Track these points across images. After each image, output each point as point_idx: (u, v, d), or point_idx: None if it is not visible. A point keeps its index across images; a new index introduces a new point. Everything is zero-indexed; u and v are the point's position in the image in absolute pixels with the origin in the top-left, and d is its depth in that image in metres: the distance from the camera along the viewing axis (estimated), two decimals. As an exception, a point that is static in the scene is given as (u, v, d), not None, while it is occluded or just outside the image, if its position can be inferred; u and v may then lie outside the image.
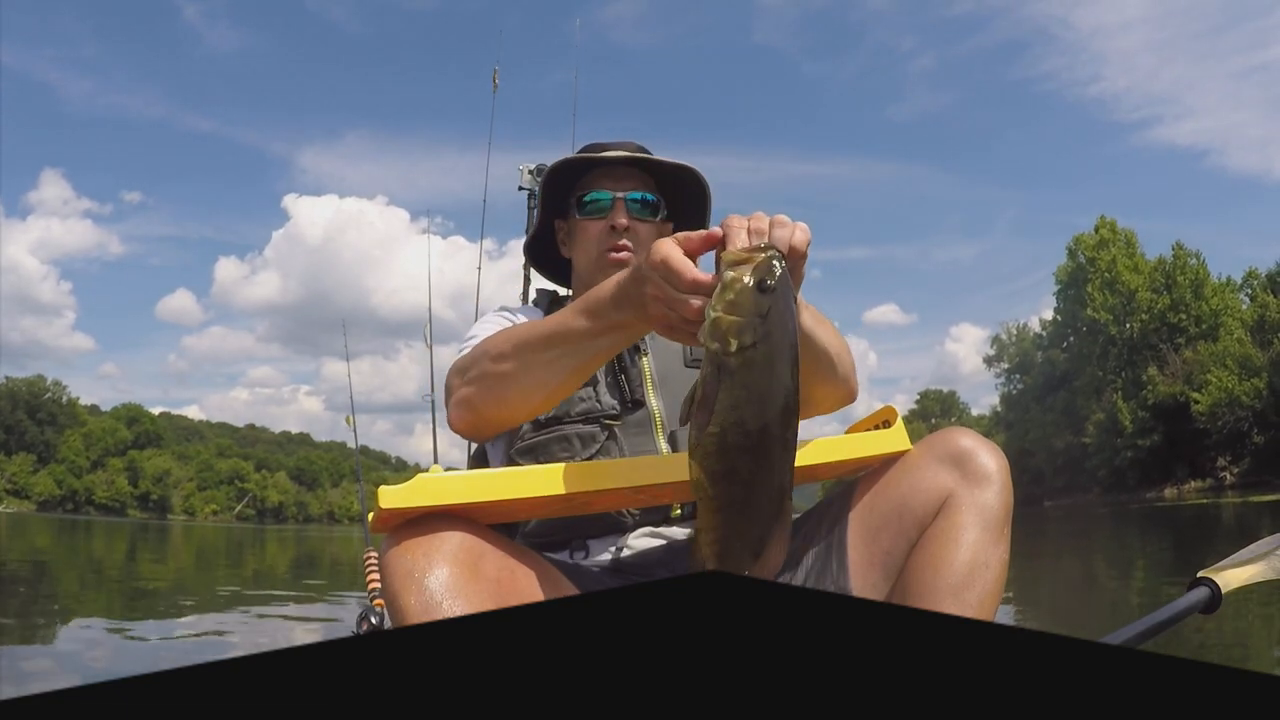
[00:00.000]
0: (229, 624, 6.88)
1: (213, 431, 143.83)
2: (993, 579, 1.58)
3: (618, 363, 1.83)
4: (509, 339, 1.54)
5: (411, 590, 1.28)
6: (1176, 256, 59.12)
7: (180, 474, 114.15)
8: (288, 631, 6.66)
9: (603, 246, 1.91)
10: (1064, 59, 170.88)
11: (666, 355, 1.90)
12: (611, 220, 1.91)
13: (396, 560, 1.32)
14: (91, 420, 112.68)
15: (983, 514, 1.61)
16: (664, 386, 1.86)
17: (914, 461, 1.70)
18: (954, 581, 1.56)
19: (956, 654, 0.35)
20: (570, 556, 1.75)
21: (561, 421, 1.77)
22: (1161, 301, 57.28)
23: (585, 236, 1.95)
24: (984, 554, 1.58)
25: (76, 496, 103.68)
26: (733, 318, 1.06)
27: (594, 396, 1.79)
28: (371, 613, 3.16)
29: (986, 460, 1.65)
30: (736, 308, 1.06)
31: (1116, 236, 61.74)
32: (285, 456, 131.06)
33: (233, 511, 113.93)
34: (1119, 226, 62.53)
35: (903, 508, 1.66)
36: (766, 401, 1.07)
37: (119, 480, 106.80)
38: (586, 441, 1.76)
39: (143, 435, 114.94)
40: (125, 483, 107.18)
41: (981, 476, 1.63)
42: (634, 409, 1.81)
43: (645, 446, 1.79)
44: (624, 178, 1.94)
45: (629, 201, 1.92)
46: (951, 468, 1.65)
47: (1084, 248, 62.68)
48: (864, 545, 1.68)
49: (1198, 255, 59.05)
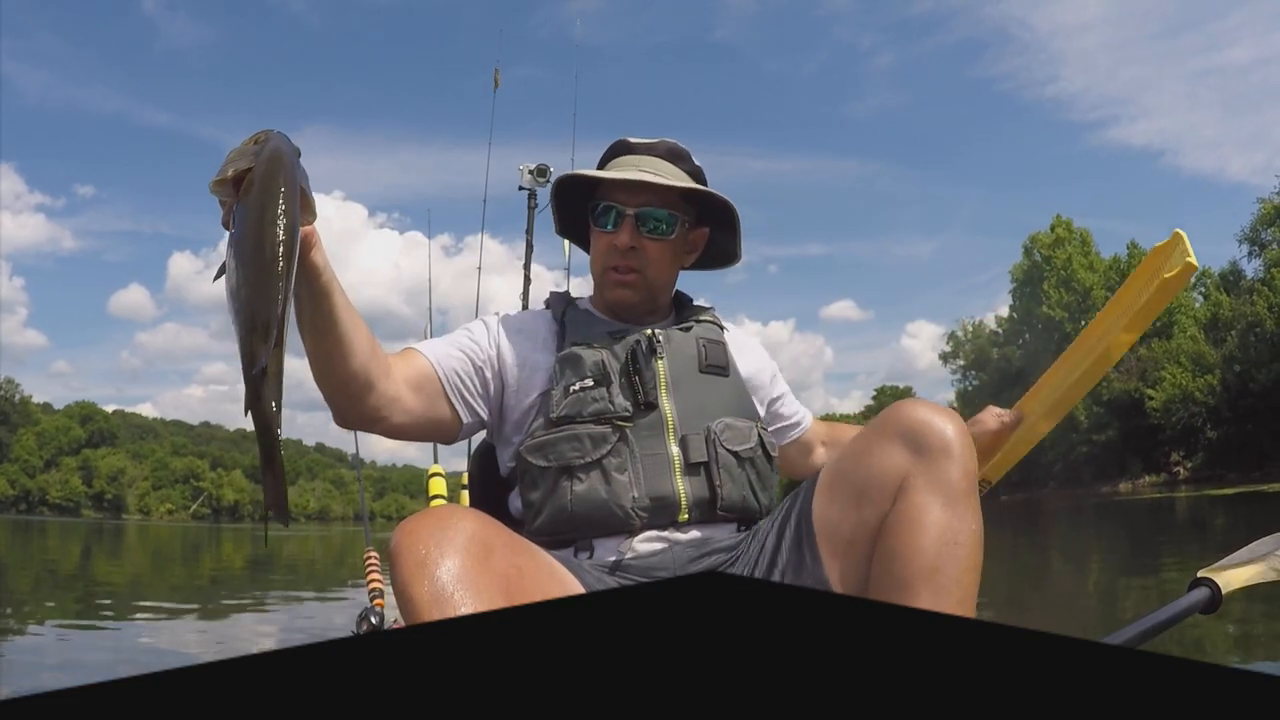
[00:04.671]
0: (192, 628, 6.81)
1: (167, 429, 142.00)
2: (965, 555, 1.53)
3: (632, 364, 1.81)
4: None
5: (423, 580, 1.28)
6: (1131, 255, 59.74)
7: (135, 473, 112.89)
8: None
9: (607, 263, 1.90)
10: (1022, 59, 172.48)
11: (681, 359, 1.88)
12: (615, 239, 1.88)
13: (408, 550, 1.32)
14: (45, 419, 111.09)
15: (943, 489, 1.55)
16: (677, 390, 1.83)
17: (866, 444, 1.65)
18: (924, 566, 1.51)
19: (957, 654, 0.35)
20: (575, 555, 1.74)
21: (574, 421, 1.76)
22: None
23: (595, 247, 1.93)
24: (951, 531, 1.53)
25: (30, 497, 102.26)
26: (230, 159, 1.27)
27: (607, 397, 1.77)
28: (372, 613, 3.15)
29: (941, 430, 1.58)
30: (232, 155, 1.27)
31: (1072, 235, 62.38)
32: (241, 454, 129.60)
33: (188, 510, 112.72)
34: (1074, 225, 63.27)
35: (860, 495, 1.62)
36: (262, 213, 1.20)
37: (73, 480, 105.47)
38: (598, 442, 1.74)
39: (96, 434, 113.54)
40: (79, 482, 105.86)
41: (937, 449, 1.56)
42: (646, 411, 1.79)
43: (656, 449, 1.77)
44: (640, 190, 1.87)
45: (639, 217, 1.87)
46: (904, 445, 1.58)
47: (1039, 246, 63.27)
48: (831, 536, 1.65)
49: (1151, 253, 59.66)
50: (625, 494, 1.72)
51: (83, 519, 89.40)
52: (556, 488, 1.74)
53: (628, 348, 1.83)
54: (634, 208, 1.86)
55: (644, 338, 1.86)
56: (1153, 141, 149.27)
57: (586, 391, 1.77)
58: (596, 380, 1.78)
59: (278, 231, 1.19)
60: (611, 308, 1.94)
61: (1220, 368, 47.04)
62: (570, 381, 1.78)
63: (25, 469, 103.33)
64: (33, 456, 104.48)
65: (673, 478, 1.76)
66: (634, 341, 1.84)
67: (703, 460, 1.78)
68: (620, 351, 1.83)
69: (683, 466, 1.78)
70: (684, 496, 1.76)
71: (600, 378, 1.78)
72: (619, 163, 1.94)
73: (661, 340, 1.87)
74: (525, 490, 1.79)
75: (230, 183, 1.24)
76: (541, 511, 1.75)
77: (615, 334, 1.87)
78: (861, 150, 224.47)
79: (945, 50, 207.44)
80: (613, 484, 1.72)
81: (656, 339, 1.86)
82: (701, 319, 1.99)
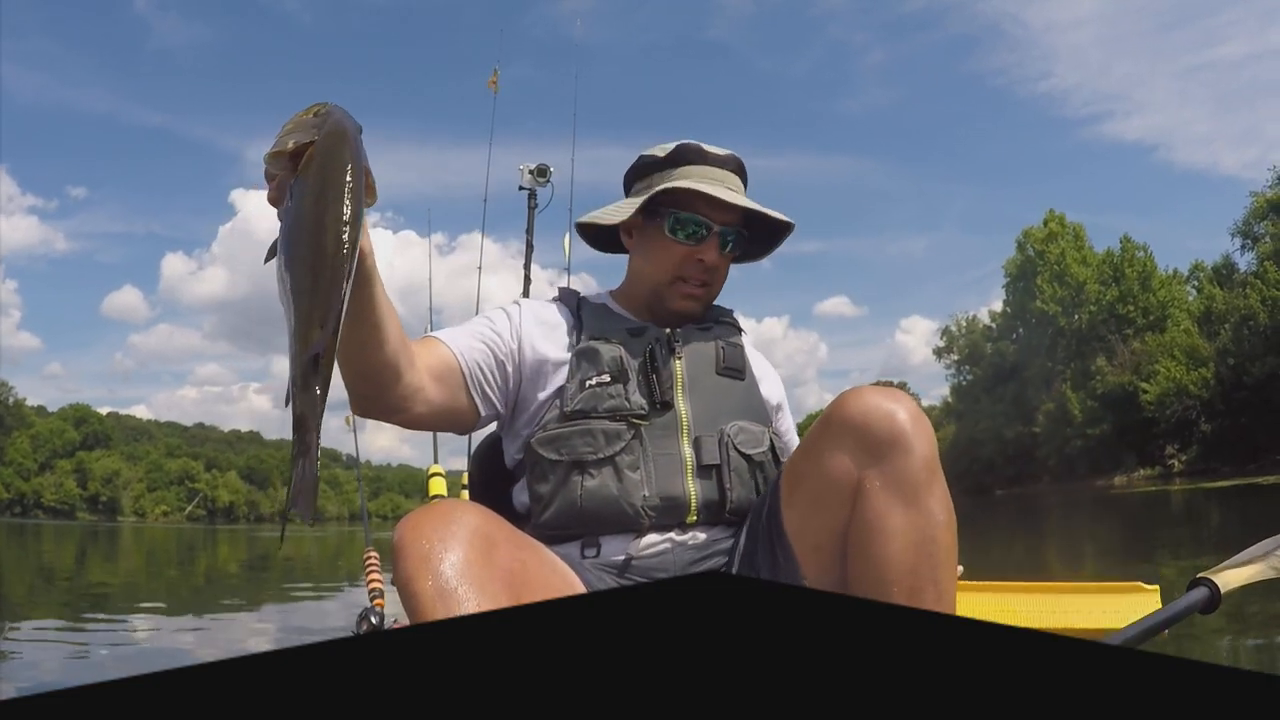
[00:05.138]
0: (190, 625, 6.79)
1: (161, 431, 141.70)
2: (937, 550, 1.49)
3: (650, 363, 1.79)
4: None
5: (427, 574, 1.28)
6: (1124, 249, 59.93)
7: (129, 475, 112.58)
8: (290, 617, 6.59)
9: (681, 273, 1.87)
10: (1015, 55, 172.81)
11: (698, 360, 1.86)
12: (702, 254, 1.85)
13: (412, 544, 1.32)
14: (39, 422, 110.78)
15: (902, 488, 1.48)
16: (693, 391, 1.82)
17: (815, 444, 1.60)
18: (897, 572, 1.47)
19: (957, 653, 0.35)
20: (581, 552, 1.72)
21: (588, 416, 1.74)
22: (1110, 293, 58.11)
23: (666, 254, 1.87)
24: (917, 531, 1.48)
25: (25, 500, 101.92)
26: (287, 130, 1.18)
27: (623, 394, 1.75)
28: (372, 613, 3.14)
29: (889, 420, 1.50)
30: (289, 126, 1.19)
31: (1065, 230, 62.52)
32: (235, 455, 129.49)
33: (183, 512, 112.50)
34: (1067, 220, 63.38)
35: (818, 500, 1.58)
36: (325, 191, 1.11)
37: (68, 482, 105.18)
38: (611, 439, 1.72)
39: (91, 436, 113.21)
40: (74, 485, 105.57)
41: (888, 444, 1.49)
42: (662, 410, 1.78)
43: (669, 449, 1.76)
44: (725, 206, 1.84)
45: (724, 235, 1.86)
46: (854, 443, 1.52)
47: (1033, 241, 63.42)
48: (798, 538, 1.62)
49: (1145, 248, 60.04)
50: (636, 492, 1.71)
51: (78, 522, 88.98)
52: (567, 482, 1.72)
53: (646, 345, 1.82)
54: (720, 225, 1.84)
55: (663, 336, 1.85)
56: (1145, 136, 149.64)
57: (603, 387, 1.75)
58: (613, 376, 1.76)
59: (343, 212, 1.10)
60: (649, 308, 1.92)
61: (1214, 361, 47.11)
62: (587, 375, 1.76)
63: (20, 472, 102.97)
64: (27, 460, 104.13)
65: (684, 479, 1.75)
66: (653, 339, 1.83)
67: (714, 463, 1.77)
68: (638, 349, 1.81)
69: (695, 468, 1.76)
70: (694, 498, 1.74)
71: (617, 374, 1.77)
72: (699, 173, 1.87)
73: (680, 340, 1.86)
74: (534, 483, 1.77)
75: (288, 156, 1.16)
76: (550, 505, 1.73)
77: (634, 331, 1.85)
78: (855, 147, 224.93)
79: (938, 47, 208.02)
80: (624, 481, 1.71)
81: (675, 338, 1.85)
82: (721, 319, 1.97)
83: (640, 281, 1.94)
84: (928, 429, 1.54)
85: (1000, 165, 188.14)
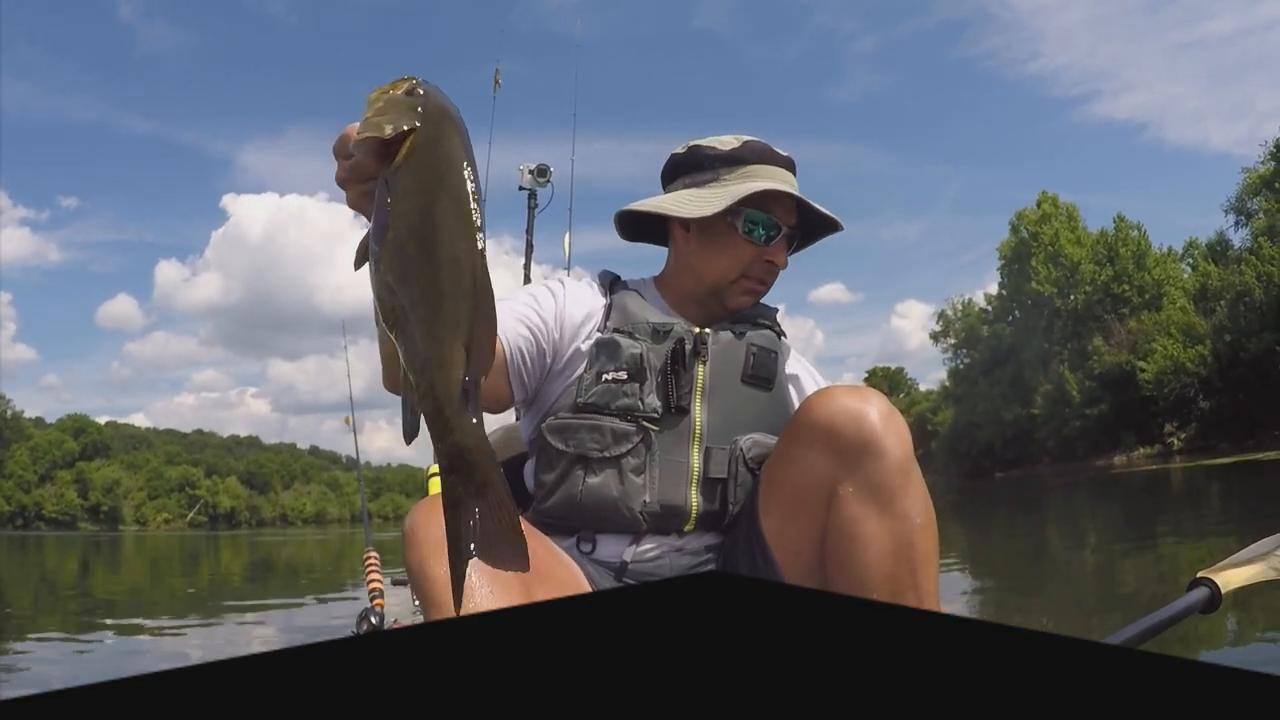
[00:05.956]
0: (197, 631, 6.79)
1: (160, 439, 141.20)
2: (916, 553, 1.47)
3: (670, 365, 1.74)
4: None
5: (441, 558, 1.27)
6: (1118, 229, 59.90)
7: (130, 483, 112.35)
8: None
9: (747, 272, 1.84)
10: (1003, 38, 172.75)
11: (724, 365, 1.80)
12: (772, 255, 1.84)
13: (424, 529, 1.33)
14: (37, 433, 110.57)
15: (877, 492, 1.46)
16: (712, 398, 1.77)
17: (787, 451, 1.59)
18: (876, 578, 1.47)
19: (956, 653, 0.35)
20: (577, 546, 1.71)
21: (599, 411, 1.70)
22: (1105, 273, 58.04)
23: (735, 251, 1.83)
24: (894, 536, 1.46)
25: (26, 512, 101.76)
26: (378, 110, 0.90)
27: (638, 394, 1.71)
28: (372, 613, 3.15)
29: (858, 422, 1.47)
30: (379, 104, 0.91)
31: (1058, 211, 62.46)
32: (235, 460, 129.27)
33: (185, 519, 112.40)
34: (1061, 201, 63.35)
35: (793, 508, 1.57)
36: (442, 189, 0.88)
37: (68, 493, 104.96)
38: (619, 439, 1.69)
39: (90, 446, 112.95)
40: (75, 495, 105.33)
41: (859, 448, 1.47)
42: (677, 416, 1.74)
43: (677, 456, 1.72)
44: (790, 209, 1.84)
45: (790, 237, 1.86)
46: (824, 449, 1.50)
47: (1026, 222, 63.34)
48: (778, 544, 1.61)
49: (1139, 227, 59.92)
50: (637, 496, 1.69)
51: (80, 532, 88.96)
52: (570, 474, 1.70)
53: (671, 345, 1.75)
54: (788, 227, 1.84)
55: (690, 337, 1.79)
56: (1135, 115, 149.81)
57: (619, 385, 1.72)
58: (631, 374, 1.72)
59: (473, 214, 0.88)
60: (696, 301, 1.89)
61: (1210, 338, 47.11)
62: (604, 369, 1.73)
63: (20, 484, 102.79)
64: (27, 471, 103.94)
65: (688, 488, 1.72)
66: (679, 340, 1.76)
67: (722, 476, 1.74)
68: (662, 349, 1.76)
69: (700, 479, 1.73)
70: (695, 508, 1.72)
71: (635, 372, 1.73)
72: (769, 173, 1.84)
73: (709, 342, 1.81)
74: (540, 468, 1.75)
75: (381, 143, 0.89)
76: (552, 494, 1.72)
77: (662, 329, 1.78)
78: (846, 133, 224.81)
79: (926, 32, 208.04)
80: (626, 484, 1.69)
81: (704, 340, 1.80)
82: (761, 320, 1.91)
83: (691, 275, 1.89)
84: (900, 427, 1.52)
85: (992, 148, 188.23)
